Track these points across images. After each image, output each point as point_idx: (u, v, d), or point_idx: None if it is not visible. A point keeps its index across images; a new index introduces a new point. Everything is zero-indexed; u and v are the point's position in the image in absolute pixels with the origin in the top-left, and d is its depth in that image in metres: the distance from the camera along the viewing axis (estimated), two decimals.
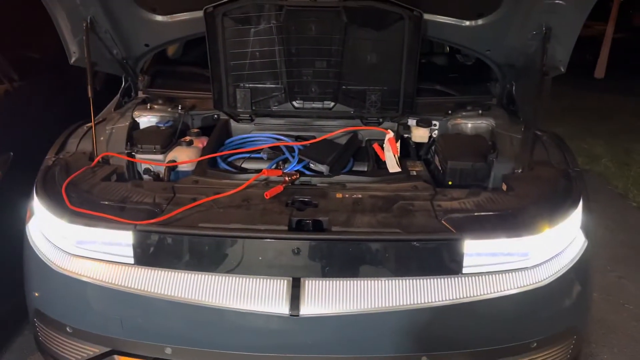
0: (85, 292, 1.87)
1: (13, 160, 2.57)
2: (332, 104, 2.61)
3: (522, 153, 2.29)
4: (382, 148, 2.40)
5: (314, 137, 2.51)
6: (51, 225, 1.92)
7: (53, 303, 1.99)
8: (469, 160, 2.28)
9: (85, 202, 1.90)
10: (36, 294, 2.03)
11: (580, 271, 1.94)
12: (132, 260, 1.81)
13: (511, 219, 1.86)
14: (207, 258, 1.81)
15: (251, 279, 1.77)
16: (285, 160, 2.38)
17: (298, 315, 1.73)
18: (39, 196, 1.98)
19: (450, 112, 2.65)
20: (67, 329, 1.93)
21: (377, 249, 1.78)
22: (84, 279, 1.84)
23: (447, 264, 1.78)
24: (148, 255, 1.80)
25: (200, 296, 1.77)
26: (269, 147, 2.46)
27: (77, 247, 1.87)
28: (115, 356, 1.91)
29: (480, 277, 1.79)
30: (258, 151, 2.47)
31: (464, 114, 2.61)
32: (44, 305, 2.00)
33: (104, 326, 1.89)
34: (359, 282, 1.77)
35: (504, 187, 2.10)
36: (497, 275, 1.80)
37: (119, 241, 1.80)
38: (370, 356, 1.83)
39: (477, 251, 1.78)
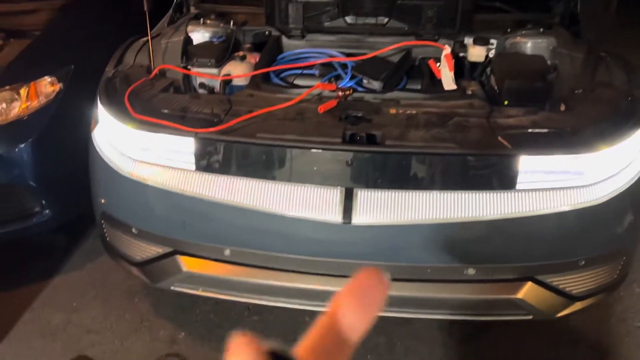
0: (149, 196, 1.99)
1: (73, 72, 2.65)
2: (386, 19, 2.53)
3: (583, 74, 2.20)
4: (438, 65, 2.35)
5: (367, 54, 2.47)
6: (116, 132, 2.00)
7: (119, 206, 2.12)
8: (527, 80, 2.21)
9: (147, 110, 1.96)
10: (102, 200, 2.17)
11: (637, 193, 1.91)
12: (193, 167, 1.89)
13: (568, 136, 1.82)
14: (264, 166, 1.87)
15: (306, 188, 1.83)
16: (338, 77, 2.37)
17: (350, 224, 1.80)
18: (103, 104, 2.06)
19: (509, 30, 2.53)
20: (133, 230, 2.06)
21: (431, 163, 1.80)
22: (149, 183, 1.94)
23: (501, 179, 1.78)
24: (208, 162, 1.87)
25: (257, 202, 1.84)
26: (321, 64, 2.45)
27: (141, 153, 1.96)
28: (178, 256, 2.03)
29: (533, 193, 1.79)
30: (310, 67, 2.46)
31: (523, 32, 2.49)
32: (110, 208, 2.13)
33: (167, 228, 2.01)
34: (411, 194, 1.80)
35: (563, 107, 2.04)
36: (550, 192, 1.79)
37: (181, 148, 1.87)
38: (418, 265, 1.90)
39: (532, 168, 1.77)
